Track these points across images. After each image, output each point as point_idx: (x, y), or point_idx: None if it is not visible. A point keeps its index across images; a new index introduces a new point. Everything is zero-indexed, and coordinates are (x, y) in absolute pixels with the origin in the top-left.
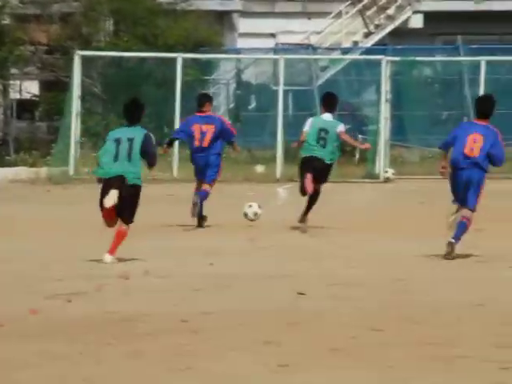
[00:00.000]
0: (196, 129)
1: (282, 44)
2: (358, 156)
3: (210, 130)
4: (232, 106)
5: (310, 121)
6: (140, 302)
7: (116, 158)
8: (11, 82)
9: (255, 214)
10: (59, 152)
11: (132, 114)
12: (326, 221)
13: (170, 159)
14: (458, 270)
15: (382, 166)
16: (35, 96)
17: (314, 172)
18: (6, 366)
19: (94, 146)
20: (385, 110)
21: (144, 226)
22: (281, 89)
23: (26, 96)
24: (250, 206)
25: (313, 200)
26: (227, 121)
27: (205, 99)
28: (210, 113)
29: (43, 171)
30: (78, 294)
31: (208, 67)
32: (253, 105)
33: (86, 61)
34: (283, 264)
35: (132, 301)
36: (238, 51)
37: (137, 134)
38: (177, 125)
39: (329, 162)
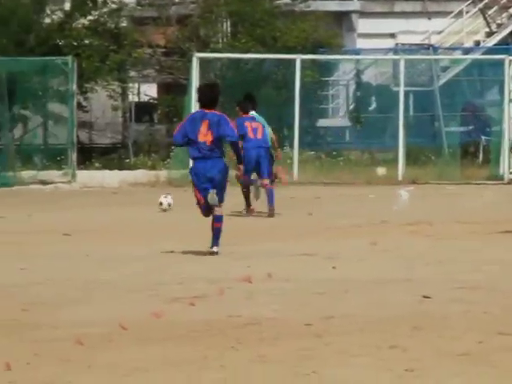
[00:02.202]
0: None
1: (402, 44)
2: (481, 157)
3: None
4: (352, 107)
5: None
6: (263, 306)
7: None
8: (130, 84)
9: (169, 205)
10: (178, 154)
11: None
12: (449, 223)
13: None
14: None
15: (506, 167)
16: (153, 99)
17: None
18: (130, 370)
19: None
20: (508, 110)
21: (264, 229)
22: (401, 90)
23: (145, 99)
24: (165, 196)
25: None
26: None
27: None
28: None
29: (163, 174)
30: (200, 297)
31: (327, 68)
32: (373, 106)
33: (203, 63)
34: (406, 268)
35: (255, 304)
36: (357, 52)
37: None
38: (297, 126)
39: None
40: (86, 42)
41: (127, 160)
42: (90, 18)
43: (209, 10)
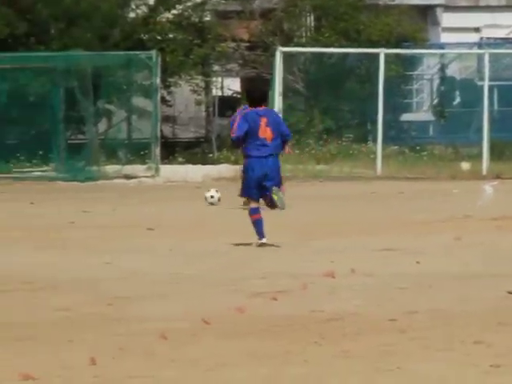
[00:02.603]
0: None
1: (487, 38)
2: None
3: None
4: (436, 101)
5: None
6: (346, 301)
7: None
8: (213, 79)
9: (212, 197)
10: None
11: None
12: None
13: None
14: None
15: None
16: (237, 93)
17: None
18: (213, 365)
19: (296, 142)
20: None
21: (346, 223)
22: (486, 84)
23: (228, 93)
24: (209, 190)
25: None
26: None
27: None
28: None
29: None
30: (283, 292)
31: (411, 62)
32: (457, 100)
33: (287, 57)
34: (491, 263)
35: (338, 300)
36: (441, 46)
37: None
38: (380, 121)
39: None
40: (170, 36)
41: (210, 154)
42: (174, 12)
43: (293, 3)
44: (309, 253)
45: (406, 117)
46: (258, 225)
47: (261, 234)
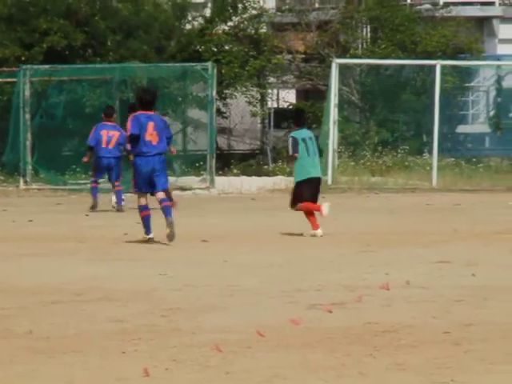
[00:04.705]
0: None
1: None
2: None
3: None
4: (492, 113)
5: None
6: (401, 313)
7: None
8: (269, 90)
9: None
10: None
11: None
12: None
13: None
14: None
15: None
16: (292, 105)
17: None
18: (268, 377)
19: (351, 154)
20: None
21: (401, 235)
22: None
23: (283, 105)
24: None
25: None
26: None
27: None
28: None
29: None
30: (338, 304)
31: (467, 74)
32: None
33: (343, 69)
34: None
35: (393, 312)
36: (497, 58)
37: None
38: (436, 133)
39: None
40: (226, 47)
41: (266, 166)
42: (230, 23)
43: (349, 15)
44: (364, 265)
45: (462, 128)
46: (146, 220)
47: (148, 230)
